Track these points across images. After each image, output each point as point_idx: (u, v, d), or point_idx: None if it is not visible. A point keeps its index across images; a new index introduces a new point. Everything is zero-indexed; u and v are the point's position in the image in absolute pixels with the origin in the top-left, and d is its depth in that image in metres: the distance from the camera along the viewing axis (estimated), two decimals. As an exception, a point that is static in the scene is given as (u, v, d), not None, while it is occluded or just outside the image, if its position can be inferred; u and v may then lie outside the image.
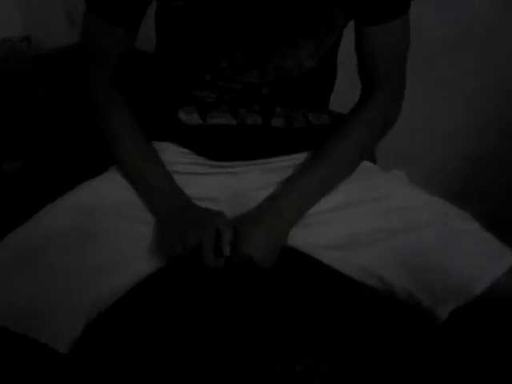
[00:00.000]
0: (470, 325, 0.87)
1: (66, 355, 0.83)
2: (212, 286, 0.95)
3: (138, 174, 0.99)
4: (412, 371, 0.95)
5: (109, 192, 0.98)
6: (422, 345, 0.97)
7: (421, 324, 0.92)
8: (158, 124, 1.05)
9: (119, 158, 1.00)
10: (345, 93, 1.04)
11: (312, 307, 0.97)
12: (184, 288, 0.96)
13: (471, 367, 0.88)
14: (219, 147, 1.02)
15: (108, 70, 1.01)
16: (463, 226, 0.92)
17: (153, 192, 0.97)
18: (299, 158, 1.05)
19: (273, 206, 0.94)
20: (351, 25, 0.98)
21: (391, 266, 0.91)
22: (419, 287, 0.89)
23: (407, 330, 0.99)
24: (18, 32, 1.70)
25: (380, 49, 0.98)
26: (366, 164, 1.05)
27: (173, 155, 1.03)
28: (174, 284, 0.96)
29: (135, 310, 0.93)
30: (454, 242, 0.89)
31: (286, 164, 1.03)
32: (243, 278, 0.95)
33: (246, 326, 0.93)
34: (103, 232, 0.92)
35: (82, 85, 1.05)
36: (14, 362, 0.80)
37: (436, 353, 0.94)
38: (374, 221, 0.95)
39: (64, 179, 1.08)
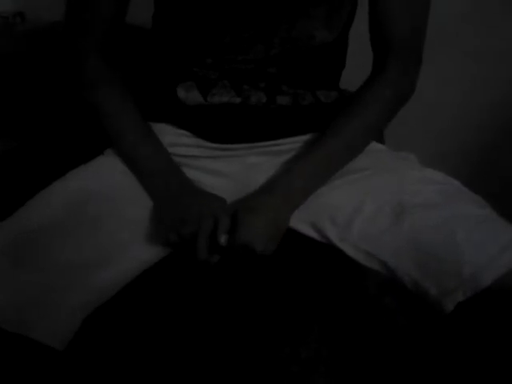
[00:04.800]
0: (478, 317, 0.83)
1: (62, 352, 0.80)
2: (214, 270, 0.91)
3: (130, 153, 0.95)
4: (416, 359, 0.93)
5: (104, 176, 0.94)
6: (427, 332, 0.95)
7: (426, 311, 0.89)
8: (155, 103, 1.01)
9: (111, 135, 0.97)
10: (356, 70, 1.00)
11: (316, 292, 0.95)
12: (185, 275, 0.93)
13: (477, 359, 0.85)
14: (221, 128, 0.97)
15: (95, 41, 0.97)
16: (474, 210, 0.87)
17: (146, 171, 0.93)
18: (307, 139, 1.00)
19: (273, 190, 0.90)
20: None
21: (395, 252, 0.86)
22: (425, 275, 0.84)
23: (412, 315, 0.97)
24: (11, 8, 1.66)
25: (395, 9, 0.92)
26: (376, 146, 1.01)
27: (171, 138, 0.98)
28: (175, 274, 0.93)
29: (134, 305, 0.89)
30: (463, 226, 0.84)
31: (293, 146, 0.99)
32: (245, 265, 0.92)
33: (249, 311, 0.91)
34: (99, 218, 0.88)
35: (66, 59, 1.02)
36: (8, 360, 0.78)
37: (441, 340, 0.92)
38: (383, 196, 0.90)
39: (59, 161, 1.06)
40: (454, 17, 1.42)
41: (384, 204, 0.89)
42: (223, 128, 0.97)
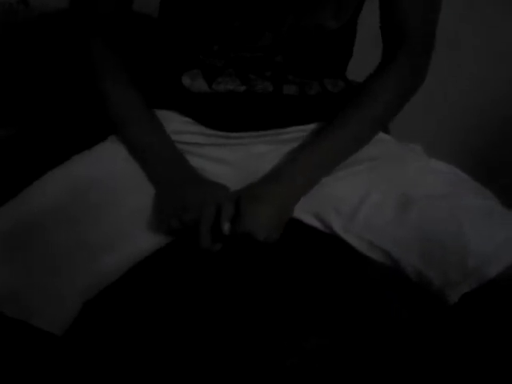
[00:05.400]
0: (482, 309, 0.82)
1: (61, 337, 0.79)
2: (215, 263, 0.91)
3: (134, 140, 0.94)
4: (419, 352, 0.92)
5: (107, 163, 0.93)
6: (430, 325, 0.95)
7: (430, 303, 0.88)
8: (161, 91, 1.00)
9: (115, 122, 0.96)
10: (362, 61, 0.99)
11: (318, 282, 0.94)
12: (186, 263, 0.92)
13: (481, 351, 0.84)
14: (226, 117, 0.96)
15: (101, 27, 0.97)
16: (480, 200, 0.87)
17: (150, 158, 0.92)
18: (313, 128, 0.99)
19: (278, 179, 0.89)
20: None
21: (399, 242, 0.86)
22: (429, 265, 0.83)
23: (415, 308, 0.96)
24: (15, -5, 1.66)
25: None
26: (382, 136, 1.00)
27: (176, 125, 0.97)
28: (176, 262, 0.92)
29: (133, 293, 0.89)
30: (469, 217, 0.83)
31: (299, 135, 0.98)
32: (246, 255, 0.91)
33: (250, 302, 0.90)
34: (101, 205, 0.87)
35: (73, 46, 1.01)
36: (7, 344, 0.77)
37: (445, 332, 0.92)
38: (388, 187, 0.90)
39: (60, 148, 1.05)
40: (453, 16, 1.42)
41: (389, 195, 0.89)
42: (228, 116, 0.96)
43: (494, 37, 1.49)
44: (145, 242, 0.88)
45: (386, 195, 0.89)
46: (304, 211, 0.92)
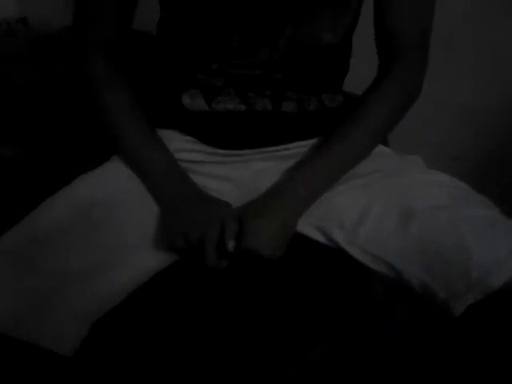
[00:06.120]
0: (488, 320, 0.82)
1: (70, 358, 0.79)
2: (221, 274, 0.91)
3: (136, 157, 0.94)
4: (424, 362, 0.93)
5: (110, 182, 0.93)
6: (436, 336, 0.95)
7: (436, 315, 0.89)
8: (160, 110, 1.00)
9: (116, 139, 0.96)
10: (359, 74, 1.00)
11: (323, 296, 0.95)
12: (192, 280, 0.92)
13: (487, 362, 0.84)
14: (226, 135, 0.97)
15: (101, 42, 0.97)
16: (482, 212, 0.86)
17: (153, 175, 0.93)
18: (314, 143, 0.99)
19: (279, 195, 0.89)
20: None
21: (402, 254, 0.85)
22: (433, 277, 0.83)
23: (421, 318, 0.97)
24: (14, 14, 1.66)
25: (402, 9, 0.92)
26: (382, 149, 1.01)
27: (177, 143, 0.98)
28: (182, 279, 0.92)
29: (141, 311, 0.89)
30: (471, 228, 0.83)
31: (299, 150, 0.99)
32: (252, 269, 0.92)
33: (256, 316, 0.90)
34: (106, 225, 0.87)
35: (71, 60, 1.01)
36: (15, 366, 0.77)
37: (450, 344, 0.92)
38: (390, 200, 0.89)
39: (65, 167, 1.05)
40: (454, 17, 1.42)
41: (391, 207, 0.89)
42: (229, 134, 0.97)
43: (491, 41, 1.48)
44: (150, 260, 0.89)
45: (387, 208, 0.89)
46: (307, 225, 0.92)
